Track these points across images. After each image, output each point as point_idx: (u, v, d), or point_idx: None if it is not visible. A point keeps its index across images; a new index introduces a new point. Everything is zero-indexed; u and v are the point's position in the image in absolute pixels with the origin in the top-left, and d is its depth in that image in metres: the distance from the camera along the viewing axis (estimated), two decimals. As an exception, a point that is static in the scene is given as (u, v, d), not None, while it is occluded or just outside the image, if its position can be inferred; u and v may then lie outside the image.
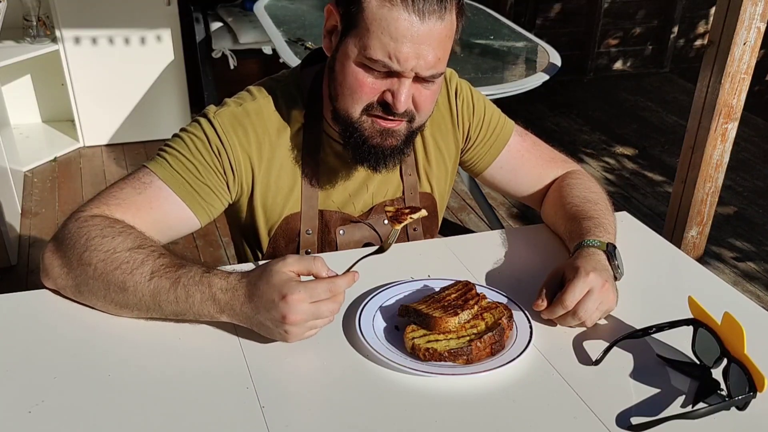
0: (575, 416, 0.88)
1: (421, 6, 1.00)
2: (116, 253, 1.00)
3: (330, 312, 0.94)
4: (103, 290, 0.99)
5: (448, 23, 1.04)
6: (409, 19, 1.00)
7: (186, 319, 1.00)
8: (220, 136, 1.15)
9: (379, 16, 1.01)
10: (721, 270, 2.89)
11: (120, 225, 1.05)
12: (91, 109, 3.74)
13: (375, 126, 1.10)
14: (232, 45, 3.94)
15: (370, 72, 1.06)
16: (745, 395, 0.87)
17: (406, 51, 1.02)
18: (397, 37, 1.01)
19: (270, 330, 0.95)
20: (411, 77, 1.05)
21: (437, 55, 1.04)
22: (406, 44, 1.01)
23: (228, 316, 0.97)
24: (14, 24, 3.46)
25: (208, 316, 0.98)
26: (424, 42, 1.02)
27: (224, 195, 1.18)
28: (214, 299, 0.96)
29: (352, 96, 1.09)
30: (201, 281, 0.97)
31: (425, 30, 1.01)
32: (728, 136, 2.44)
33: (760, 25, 2.26)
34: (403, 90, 1.06)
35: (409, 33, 1.01)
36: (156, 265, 0.99)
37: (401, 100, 1.06)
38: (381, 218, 1.29)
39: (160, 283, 0.97)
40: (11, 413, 0.85)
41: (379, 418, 0.86)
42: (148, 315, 1.00)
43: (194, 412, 0.86)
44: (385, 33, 1.01)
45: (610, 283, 1.04)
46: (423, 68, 1.04)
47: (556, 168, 1.37)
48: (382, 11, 1.01)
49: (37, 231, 3.06)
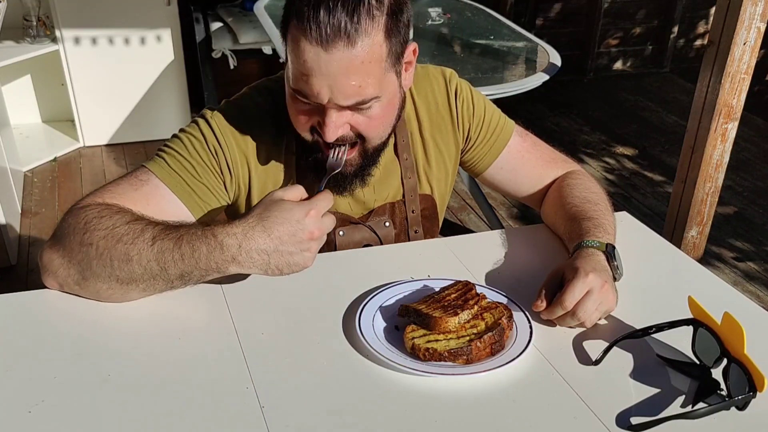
0: (575, 416, 0.88)
1: (324, 36, 0.96)
2: (116, 228, 1.00)
3: (332, 223, 1.01)
4: (108, 267, 0.99)
5: (366, 47, 0.98)
6: (314, 50, 0.97)
7: (192, 284, 1.01)
8: (217, 137, 1.15)
9: (292, 49, 1.01)
10: (721, 270, 2.89)
11: (115, 207, 1.05)
12: (91, 109, 3.74)
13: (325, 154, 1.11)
14: (232, 45, 3.94)
15: (299, 103, 1.06)
16: (745, 395, 0.87)
17: (317, 84, 1.00)
18: (305, 71, 0.99)
19: (293, 258, 0.97)
20: (334, 108, 1.03)
21: (356, 83, 1.00)
22: (314, 77, 0.99)
23: (240, 264, 0.97)
24: (14, 24, 3.46)
25: (216, 270, 0.98)
26: (336, 72, 0.98)
27: (222, 195, 1.18)
28: (222, 247, 0.96)
29: (295, 123, 1.10)
30: (204, 234, 0.97)
31: (333, 60, 0.97)
32: (728, 136, 2.44)
33: (760, 25, 2.26)
34: (329, 121, 1.04)
35: (315, 65, 0.98)
36: (156, 230, 0.99)
37: (327, 132, 1.04)
38: (381, 221, 1.29)
39: (164, 244, 0.97)
40: (11, 413, 0.85)
41: (379, 418, 0.86)
42: (156, 285, 1.00)
43: (194, 412, 0.86)
44: (296, 66, 1.01)
45: (609, 283, 1.04)
46: (341, 99, 1.01)
47: (556, 168, 1.37)
48: (294, 44, 1.00)
49: (37, 231, 3.06)
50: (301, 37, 0.98)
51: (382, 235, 1.29)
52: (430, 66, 1.32)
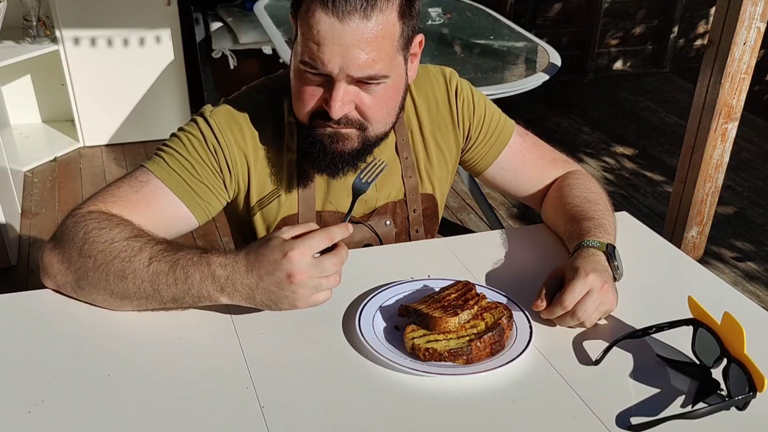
0: (575, 416, 0.88)
1: (341, 7, 0.98)
2: (114, 243, 1.00)
3: (334, 266, 0.93)
4: (104, 281, 0.99)
5: (381, 23, 1.01)
6: (329, 21, 0.99)
7: (184, 308, 1.00)
8: (216, 135, 1.15)
9: (304, 22, 1.02)
10: (721, 270, 2.89)
11: (117, 218, 1.05)
12: (91, 109, 3.74)
13: (325, 130, 1.10)
14: (232, 45, 3.94)
15: (306, 77, 1.06)
16: (744, 395, 0.87)
17: (328, 52, 1.01)
18: (318, 40, 1.01)
19: (276, 296, 0.94)
20: (343, 80, 1.04)
21: (369, 56, 1.02)
22: (327, 46, 1.01)
23: (228, 295, 0.96)
24: (14, 24, 3.46)
25: (207, 298, 0.97)
26: (349, 43, 1.00)
27: (221, 193, 1.18)
28: (213, 277, 0.96)
29: (297, 102, 1.10)
30: (200, 261, 0.97)
31: (348, 30, 1.00)
32: (728, 136, 2.44)
33: (760, 25, 2.26)
34: (336, 95, 1.04)
35: (329, 35, 1.00)
36: (154, 251, 0.99)
37: (334, 106, 1.04)
38: (382, 220, 1.29)
39: (159, 266, 0.97)
40: (11, 413, 0.85)
41: (379, 418, 0.86)
42: (148, 305, 1.00)
43: (194, 412, 0.87)
44: (308, 37, 1.02)
45: (609, 284, 1.04)
46: (353, 69, 1.02)
47: (556, 168, 1.37)
48: (307, 16, 1.01)
49: (37, 231, 3.06)
50: (316, 8, 1.00)
51: (382, 234, 1.29)
52: (430, 66, 1.32)
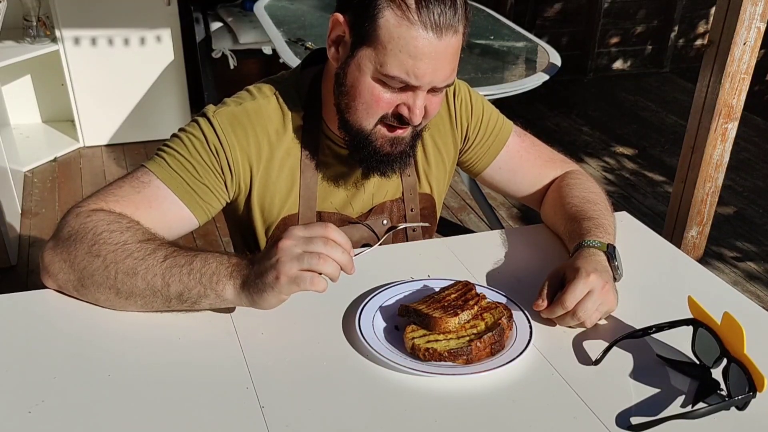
0: (575, 416, 0.88)
1: (439, 23, 1.01)
2: (127, 245, 1.00)
3: (323, 244, 0.92)
4: (111, 279, 0.99)
5: (459, 37, 1.06)
6: (427, 37, 1.02)
7: (185, 308, 1.00)
8: (218, 136, 1.15)
9: (396, 35, 1.02)
10: (721, 270, 2.89)
11: (126, 220, 1.05)
12: (91, 109, 3.74)
13: (386, 135, 1.12)
14: (232, 45, 3.94)
15: (386, 87, 1.07)
16: (744, 395, 0.87)
17: (424, 68, 1.04)
18: (416, 55, 1.03)
19: (263, 268, 0.93)
20: (426, 90, 1.07)
21: (452, 67, 1.07)
22: (424, 61, 1.03)
23: (233, 281, 0.96)
24: (14, 24, 3.46)
25: (213, 289, 0.97)
26: (441, 57, 1.04)
27: (222, 194, 1.18)
28: (228, 263, 0.97)
29: (368, 110, 1.10)
30: (222, 254, 0.99)
31: (443, 46, 1.03)
32: (728, 136, 2.44)
33: (760, 25, 2.26)
34: (419, 103, 1.08)
35: (427, 50, 1.02)
36: (169, 250, 1.00)
37: (417, 114, 1.08)
38: (380, 219, 1.29)
39: (176, 261, 0.98)
40: (11, 413, 0.85)
41: (379, 418, 0.86)
42: (152, 303, 1.00)
43: (194, 412, 0.86)
44: (403, 51, 1.03)
45: (610, 284, 1.04)
46: (439, 81, 1.07)
47: (555, 168, 1.37)
48: (400, 30, 1.02)
49: (37, 231, 3.06)
50: (411, 23, 1.01)
51: (380, 234, 1.29)
52: (429, 66, 1.32)
